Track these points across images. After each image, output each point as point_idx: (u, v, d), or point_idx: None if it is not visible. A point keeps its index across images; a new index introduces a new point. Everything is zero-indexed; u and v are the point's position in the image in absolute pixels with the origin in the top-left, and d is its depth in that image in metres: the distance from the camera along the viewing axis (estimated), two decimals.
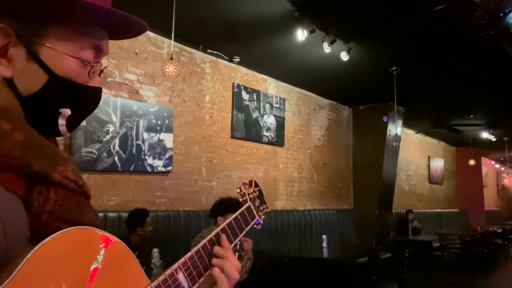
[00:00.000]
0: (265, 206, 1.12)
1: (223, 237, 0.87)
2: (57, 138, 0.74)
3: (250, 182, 1.11)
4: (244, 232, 0.98)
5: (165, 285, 0.70)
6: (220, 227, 0.90)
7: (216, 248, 0.84)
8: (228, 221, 0.94)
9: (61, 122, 0.67)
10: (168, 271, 0.72)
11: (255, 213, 1.05)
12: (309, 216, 6.51)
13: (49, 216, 0.60)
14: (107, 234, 0.62)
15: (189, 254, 0.79)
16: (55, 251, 0.55)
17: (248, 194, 1.07)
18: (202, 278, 0.79)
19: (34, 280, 0.52)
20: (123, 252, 0.64)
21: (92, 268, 0.58)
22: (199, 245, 0.82)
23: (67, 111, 0.67)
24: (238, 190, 1.09)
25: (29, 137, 0.61)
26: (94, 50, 0.69)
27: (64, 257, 0.56)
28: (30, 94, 0.64)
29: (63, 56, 0.65)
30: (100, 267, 0.59)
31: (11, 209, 0.57)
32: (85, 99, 0.70)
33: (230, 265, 0.82)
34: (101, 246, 0.61)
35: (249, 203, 1.04)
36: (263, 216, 1.09)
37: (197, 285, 0.78)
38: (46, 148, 0.64)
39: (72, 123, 0.69)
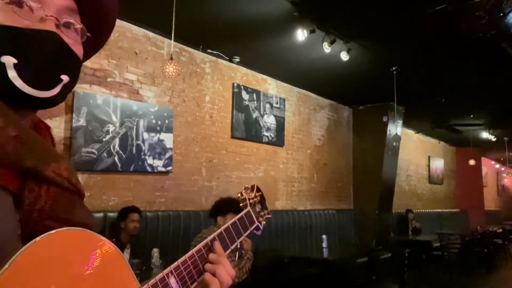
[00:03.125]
0: (266, 212, 1.10)
1: (217, 243, 0.85)
2: (56, 139, 0.71)
3: (252, 187, 1.09)
4: (241, 238, 0.96)
5: None
6: (216, 232, 0.88)
7: (211, 255, 0.83)
8: (225, 226, 0.92)
9: (12, 74, 0.59)
10: (160, 276, 0.71)
11: (255, 219, 1.03)
12: (309, 216, 6.51)
13: (40, 214, 0.59)
14: (97, 235, 0.60)
15: (182, 258, 0.77)
16: (43, 252, 0.53)
17: (249, 199, 1.05)
18: (195, 284, 0.78)
19: (20, 281, 0.50)
20: (112, 253, 0.61)
21: (80, 270, 0.56)
22: (194, 249, 0.81)
23: (10, 59, 0.59)
24: (239, 195, 1.07)
25: (22, 133, 0.59)
26: None
27: (52, 258, 0.54)
28: None
29: None
30: (89, 268, 0.57)
31: (0, 206, 0.55)
32: (27, 43, 0.61)
33: (222, 270, 0.80)
34: (90, 247, 0.59)
35: (248, 208, 1.03)
36: (264, 222, 1.07)
37: None
38: (39, 145, 0.62)
39: (29, 75, 0.60)
